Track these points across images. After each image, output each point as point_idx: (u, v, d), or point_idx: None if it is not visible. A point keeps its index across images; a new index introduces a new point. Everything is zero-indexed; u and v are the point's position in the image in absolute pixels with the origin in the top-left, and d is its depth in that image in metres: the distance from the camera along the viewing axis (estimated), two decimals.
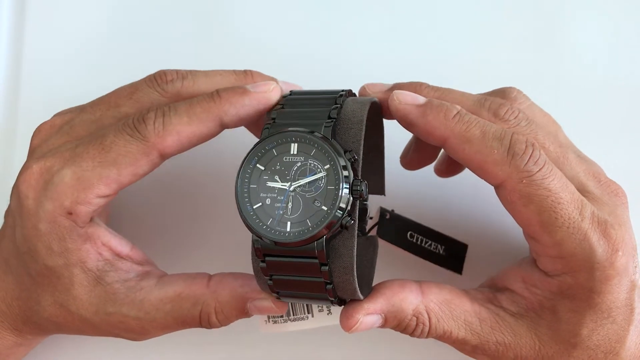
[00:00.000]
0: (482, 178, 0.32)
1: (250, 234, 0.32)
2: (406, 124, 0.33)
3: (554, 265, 0.32)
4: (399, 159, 0.41)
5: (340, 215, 0.30)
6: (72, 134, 0.35)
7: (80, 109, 0.36)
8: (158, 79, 0.35)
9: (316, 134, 0.31)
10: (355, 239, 0.31)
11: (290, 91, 0.35)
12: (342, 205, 0.30)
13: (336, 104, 0.33)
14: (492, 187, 0.33)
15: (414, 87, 0.35)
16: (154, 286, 0.34)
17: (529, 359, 0.33)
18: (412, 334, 0.34)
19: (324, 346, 0.42)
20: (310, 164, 0.31)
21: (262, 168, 0.32)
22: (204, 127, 0.33)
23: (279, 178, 0.31)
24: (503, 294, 0.34)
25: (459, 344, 0.34)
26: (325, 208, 0.31)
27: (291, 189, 0.31)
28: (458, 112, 0.32)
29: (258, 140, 0.32)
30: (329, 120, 0.32)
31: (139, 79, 0.37)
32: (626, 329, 0.32)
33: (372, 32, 0.47)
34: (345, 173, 0.31)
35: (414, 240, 0.40)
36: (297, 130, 0.32)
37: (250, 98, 0.34)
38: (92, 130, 0.35)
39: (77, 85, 0.43)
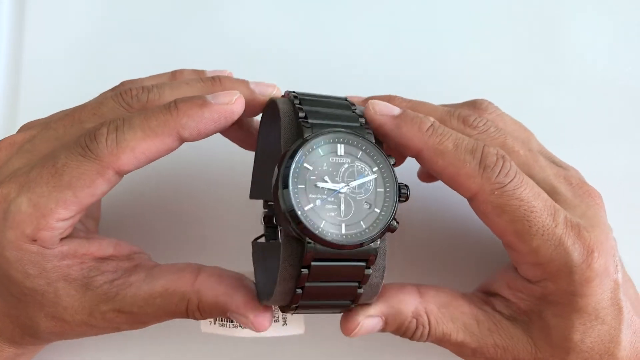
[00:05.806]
0: (455, 190, 0.33)
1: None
2: (380, 135, 0.33)
3: (533, 272, 0.33)
4: None
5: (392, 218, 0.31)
6: (34, 152, 0.33)
7: (45, 125, 0.34)
8: (124, 94, 0.33)
9: (362, 137, 0.31)
10: (386, 242, 0.32)
11: (294, 92, 0.34)
12: (396, 208, 0.31)
13: (354, 110, 0.33)
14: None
15: (387, 98, 0.36)
16: (143, 281, 0.33)
17: None
18: (412, 337, 0.33)
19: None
20: (357, 166, 0.31)
21: (310, 168, 0.31)
22: (160, 142, 0.31)
23: (329, 179, 0.31)
24: (495, 298, 0.35)
25: (458, 347, 0.34)
26: (377, 210, 0.31)
27: (343, 190, 0.31)
28: (432, 125, 0.33)
29: (300, 138, 0.31)
30: (367, 125, 0.32)
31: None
32: (618, 328, 0.32)
33: (370, 33, 0.47)
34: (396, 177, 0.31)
35: None
36: (344, 131, 0.31)
37: (211, 111, 0.31)
38: (54, 148, 0.33)
39: (77, 86, 0.42)
